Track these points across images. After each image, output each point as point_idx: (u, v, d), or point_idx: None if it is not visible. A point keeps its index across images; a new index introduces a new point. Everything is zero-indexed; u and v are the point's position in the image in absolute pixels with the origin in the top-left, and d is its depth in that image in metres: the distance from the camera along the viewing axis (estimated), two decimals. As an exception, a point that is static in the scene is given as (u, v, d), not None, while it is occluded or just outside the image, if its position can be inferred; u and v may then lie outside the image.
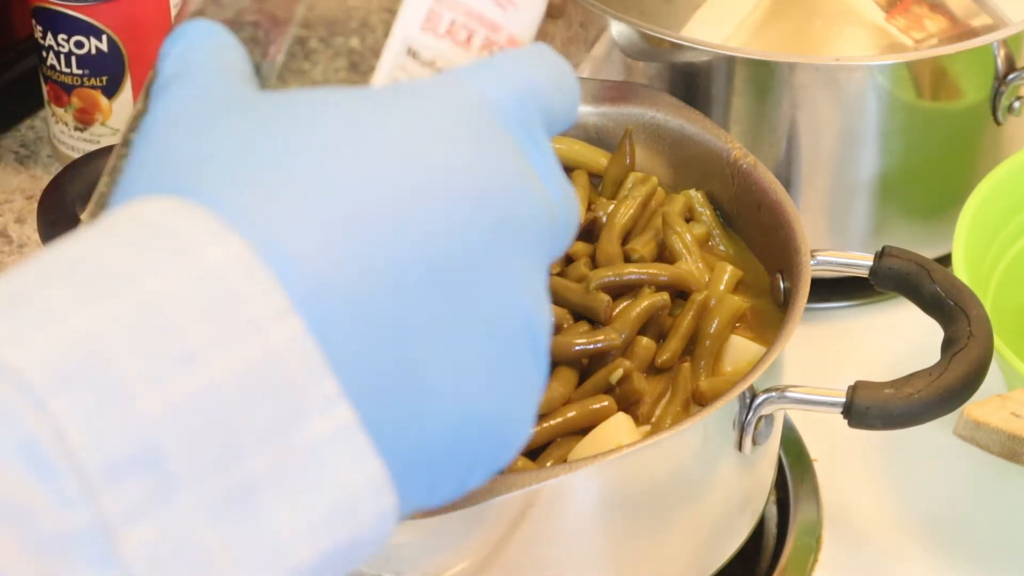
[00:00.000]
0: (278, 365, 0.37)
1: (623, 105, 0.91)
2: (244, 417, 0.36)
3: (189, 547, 0.36)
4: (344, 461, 0.38)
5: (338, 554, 0.38)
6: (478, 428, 0.42)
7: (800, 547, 0.87)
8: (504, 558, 0.72)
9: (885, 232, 1.00)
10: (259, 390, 0.37)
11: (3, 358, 0.35)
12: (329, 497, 0.37)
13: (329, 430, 0.37)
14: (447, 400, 0.41)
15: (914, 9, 1.02)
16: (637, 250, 0.84)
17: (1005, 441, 0.78)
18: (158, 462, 0.35)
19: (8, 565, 0.33)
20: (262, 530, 0.36)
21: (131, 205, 0.39)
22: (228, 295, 0.37)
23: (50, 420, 0.34)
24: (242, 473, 0.36)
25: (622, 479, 0.73)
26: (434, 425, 0.41)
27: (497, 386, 0.42)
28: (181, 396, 0.36)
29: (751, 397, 0.75)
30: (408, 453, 0.40)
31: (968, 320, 0.77)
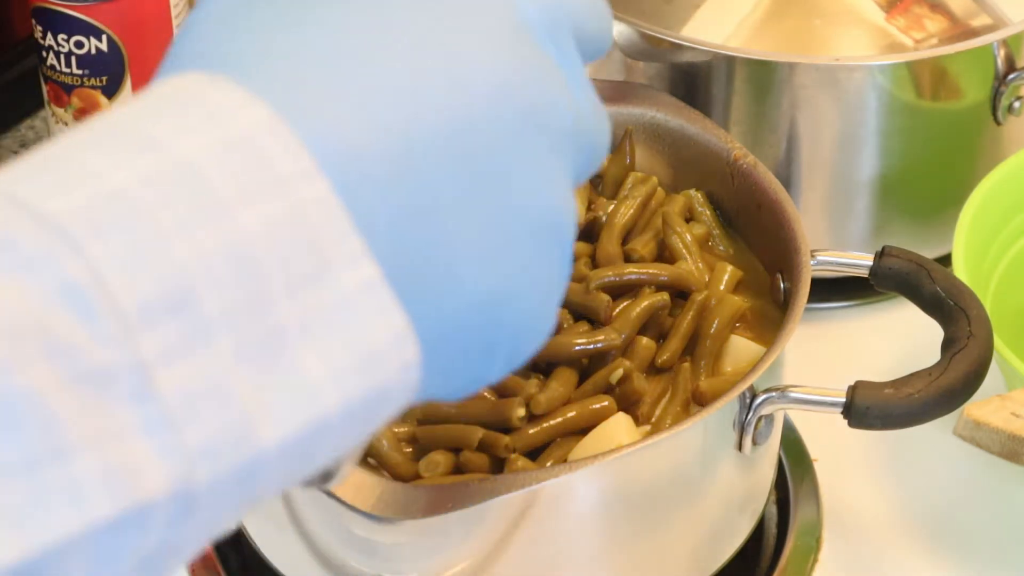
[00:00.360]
0: (305, 221, 0.39)
1: (623, 105, 0.91)
2: (274, 268, 0.38)
3: (223, 389, 0.37)
4: (369, 313, 0.39)
5: (365, 404, 0.40)
6: (500, 311, 0.43)
7: (800, 547, 0.87)
8: (504, 558, 0.72)
9: (885, 232, 1.00)
10: (287, 243, 0.38)
11: (42, 209, 0.36)
12: (356, 346, 0.39)
13: (355, 284, 0.39)
14: (471, 277, 0.42)
15: (914, 9, 1.02)
16: (637, 250, 0.84)
17: (1005, 441, 0.78)
18: (192, 306, 0.37)
19: (54, 396, 0.35)
20: (292, 376, 0.38)
21: (162, 82, 0.41)
22: (256, 156, 0.39)
23: (88, 264, 0.36)
24: (272, 321, 0.38)
25: (622, 479, 0.73)
26: (457, 300, 0.42)
27: (521, 272, 0.43)
28: (213, 244, 0.37)
29: (751, 397, 0.75)
30: (429, 325, 0.41)
31: (968, 320, 0.77)
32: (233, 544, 0.87)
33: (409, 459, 0.75)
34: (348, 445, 0.41)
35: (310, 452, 0.39)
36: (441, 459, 0.74)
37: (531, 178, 0.43)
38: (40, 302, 0.35)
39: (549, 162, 0.44)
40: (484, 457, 0.74)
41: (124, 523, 0.35)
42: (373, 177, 0.40)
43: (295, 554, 0.77)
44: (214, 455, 0.37)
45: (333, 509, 0.70)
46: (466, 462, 0.74)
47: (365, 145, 0.40)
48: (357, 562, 0.74)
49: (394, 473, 0.74)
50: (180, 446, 0.36)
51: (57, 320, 0.35)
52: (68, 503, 0.34)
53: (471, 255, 0.42)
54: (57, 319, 0.35)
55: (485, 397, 0.76)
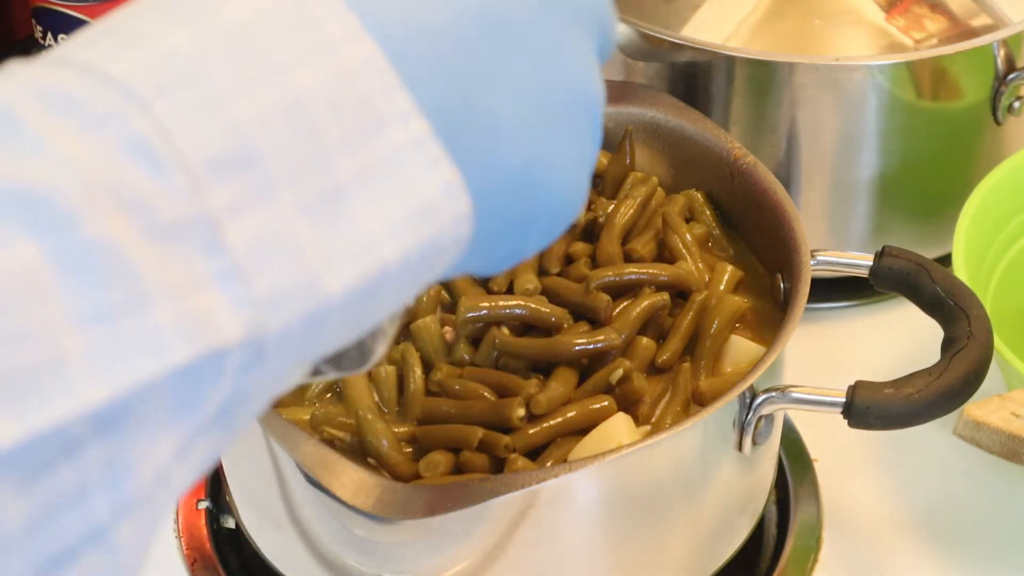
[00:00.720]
0: (356, 79, 0.40)
1: (623, 105, 0.92)
2: (329, 124, 0.39)
3: (287, 240, 0.39)
4: (421, 166, 0.41)
5: (421, 255, 0.41)
6: (537, 177, 0.45)
7: (800, 547, 0.87)
8: (504, 558, 0.72)
9: (885, 232, 1.00)
10: (341, 101, 0.40)
11: (108, 71, 0.38)
12: (410, 198, 0.41)
13: (406, 139, 0.41)
14: (510, 143, 0.44)
15: (914, 9, 1.02)
16: (637, 250, 0.84)
17: (1005, 441, 0.78)
18: (255, 162, 0.38)
19: (132, 247, 0.36)
20: (351, 228, 0.40)
21: None
22: (306, 19, 0.40)
23: (155, 121, 0.37)
24: (331, 176, 0.39)
25: (622, 479, 0.73)
26: (497, 162, 0.44)
27: (555, 142, 0.45)
28: (271, 102, 0.39)
29: (751, 397, 0.75)
30: (473, 185, 0.43)
31: (968, 320, 0.77)
32: (233, 544, 0.87)
33: (409, 459, 0.75)
34: (404, 298, 0.43)
35: (371, 302, 0.41)
36: (441, 459, 0.74)
37: (561, 50, 0.46)
38: (113, 158, 0.37)
39: (576, 37, 0.46)
40: (484, 457, 0.74)
41: (201, 369, 0.37)
42: (416, 40, 0.42)
43: (295, 554, 0.77)
44: (282, 304, 0.38)
45: (333, 509, 0.70)
46: (466, 462, 0.74)
47: (407, 11, 0.42)
48: (357, 562, 0.74)
49: (394, 473, 0.74)
50: (250, 295, 0.38)
51: (130, 175, 0.37)
52: (148, 349, 0.36)
53: (508, 120, 0.44)
54: (130, 174, 0.37)
55: (485, 397, 0.76)
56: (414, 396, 0.77)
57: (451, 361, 0.79)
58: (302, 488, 0.73)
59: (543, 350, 0.78)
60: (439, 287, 0.82)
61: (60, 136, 0.36)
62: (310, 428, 0.76)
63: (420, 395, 0.77)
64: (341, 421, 0.76)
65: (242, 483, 0.82)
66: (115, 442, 0.35)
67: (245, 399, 0.39)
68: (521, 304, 0.79)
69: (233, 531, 0.87)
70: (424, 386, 0.78)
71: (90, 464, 0.35)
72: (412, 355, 0.78)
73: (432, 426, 0.76)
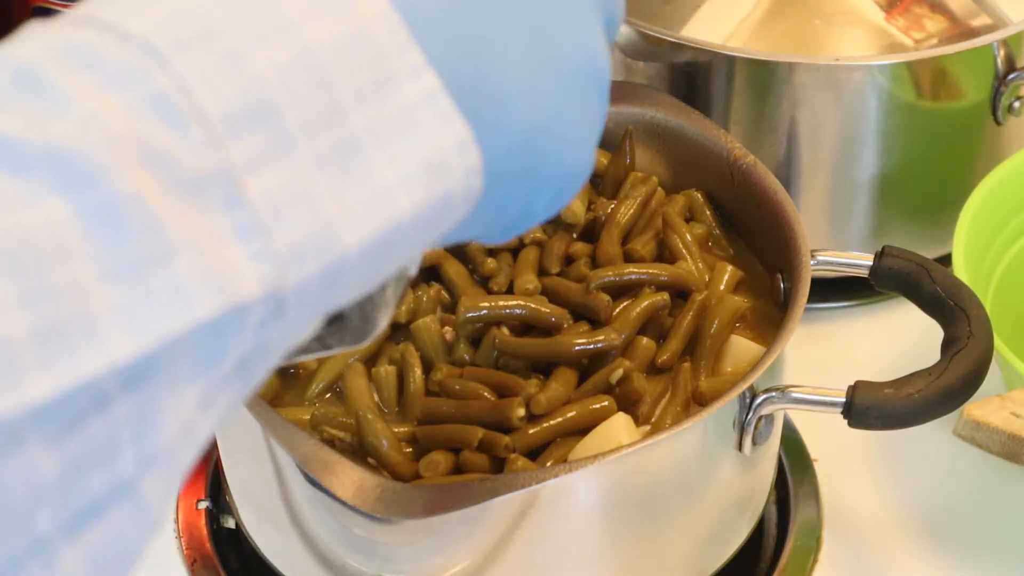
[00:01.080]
0: (368, 34, 0.41)
1: (623, 105, 0.92)
2: (343, 79, 0.40)
3: (305, 194, 0.39)
4: (433, 121, 0.42)
5: (434, 208, 0.42)
6: (545, 142, 0.46)
7: (800, 547, 0.87)
8: (504, 558, 0.72)
9: (885, 232, 1.00)
10: (354, 55, 0.40)
11: (126, 28, 0.38)
12: (423, 152, 0.41)
13: (418, 94, 0.41)
14: (519, 108, 0.45)
15: (914, 9, 1.02)
16: (637, 250, 0.84)
17: (1005, 441, 0.78)
18: (272, 117, 0.39)
19: (157, 201, 0.36)
20: (366, 181, 0.40)
21: None
22: None
23: (175, 77, 0.38)
24: (346, 130, 0.40)
25: (622, 479, 0.73)
26: (506, 129, 0.45)
27: (564, 109, 0.46)
28: (287, 58, 0.39)
29: (751, 397, 0.75)
30: (483, 145, 0.43)
31: (968, 320, 0.77)
32: (233, 544, 0.87)
33: (409, 459, 0.75)
34: (416, 252, 0.44)
35: (385, 256, 0.41)
36: (441, 459, 0.74)
37: (570, 18, 0.46)
38: (135, 113, 0.37)
39: (585, 10, 0.47)
40: (484, 457, 0.74)
41: (224, 322, 0.37)
42: (429, 2, 0.43)
43: (295, 554, 0.77)
44: (302, 258, 0.39)
45: (333, 509, 0.70)
46: (466, 462, 0.74)
47: None
48: (357, 562, 0.74)
49: (394, 473, 0.74)
50: (271, 249, 0.38)
51: (151, 130, 0.37)
52: (175, 303, 0.36)
53: (518, 84, 0.45)
54: (151, 129, 0.37)
55: (485, 397, 0.76)
56: (414, 396, 0.77)
57: (451, 361, 0.79)
58: (302, 488, 0.73)
59: (543, 350, 0.78)
60: (439, 287, 0.82)
61: (83, 93, 0.37)
62: (310, 428, 0.76)
63: (420, 395, 0.77)
64: (341, 421, 0.76)
65: (242, 483, 0.82)
66: (143, 397, 0.36)
67: (264, 351, 0.39)
68: (521, 304, 0.79)
69: (233, 531, 0.87)
70: (424, 386, 0.78)
71: (119, 419, 0.36)
72: (412, 355, 0.78)
73: (432, 426, 0.76)
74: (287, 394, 0.79)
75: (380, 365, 0.79)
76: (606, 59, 0.48)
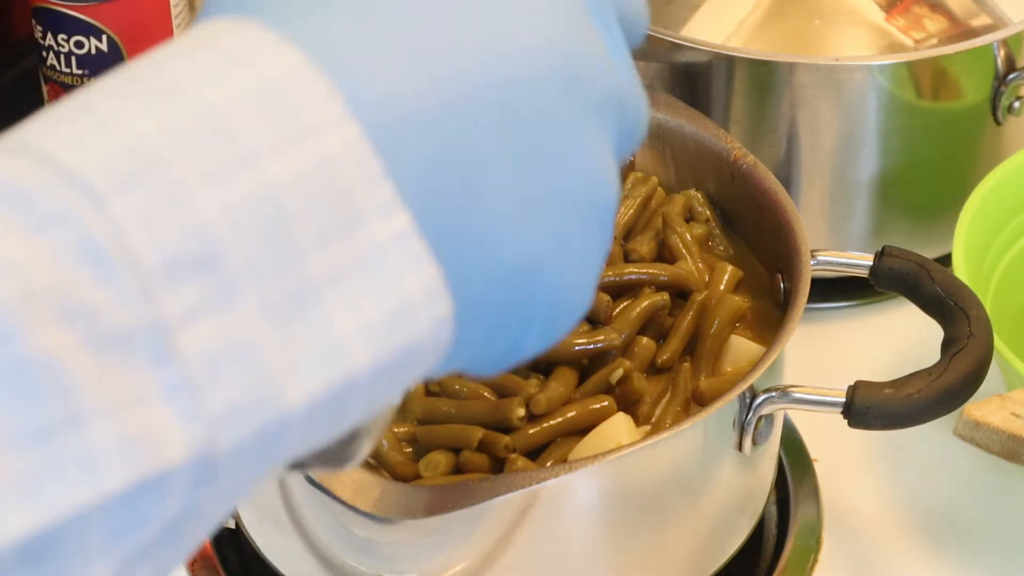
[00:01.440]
0: (335, 168, 0.37)
1: (623, 105, 0.91)
2: (303, 219, 0.37)
3: (247, 348, 0.36)
4: (401, 265, 0.38)
5: (395, 360, 0.38)
6: (535, 279, 0.42)
7: (800, 547, 0.87)
8: (504, 558, 0.72)
9: (885, 232, 1.00)
10: (317, 192, 0.37)
11: (63, 162, 0.35)
12: (387, 300, 0.38)
13: (387, 234, 0.38)
14: (509, 239, 0.41)
15: (914, 9, 1.02)
16: (637, 250, 0.84)
17: (1005, 441, 0.78)
18: (217, 262, 0.36)
19: (71, 361, 0.34)
20: (320, 332, 0.37)
21: (194, 27, 0.40)
22: (284, 101, 0.37)
23: (110, 220, 0.35)
24: (301, 275, 0.37)
25: (622, 479, 0.73)
26: (491, 262, 0.41)
27: (561, 241, 0.42)
28: (239, 197, 0.36)
29: (751, 397, 0.75)
30: (463, 286, 0.40)
31: (968, 320, 0.77)
32: (233, 544, 0.87)
33: (409, 459, 0.75)
34: (375, 407, 0.40)
35: (337, 413, 0.38)
36: (441, 459, 0.74)
37: (572, 142, 0.42)
38: (59, 262, 0.34)
39: (591, 128, 0.43)
40: (484, 457, 0.74)
41: (141, 491, 0.34)
42: (408, 124, 0.39)
43: (295, 554, 0.77)
44: (237, 418, 0.36)
45: (333, 509, 0.70)
46: (466, 462, 0.74)
47: (400, 91, 0.39)
48: (357, 562, 0.74)
49: (394, 473, 0.74)
50: (201, 410, 0.35)
51: (76, 280, 0.34)
52: (82, 473, 0.33)
53: (508, 216, 0.41)
54: (76, 279, 0.34)
55: (485, 397, 0.76)
56: (414, 396, 0.77)
57: (451, 361, 0.79)
58: (302, 488, 0.73)
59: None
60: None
61: (3, 237, 0.34)
62: (310, 428, 0.76)
63: (420, 395, 0.77)
64: (341, 421, 0.76)
65: (242, 483, 0.82)
66: (46, 570, 0.33)
67: (196, 515, 0.36)
68: (521, 304, 0.79)
69: (233, 531, 0.87)
70: (424, 386, 0.78)
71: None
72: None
73: (432, 426, 0.76)
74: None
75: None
76: (614, 183, 0.44)
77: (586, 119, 0.43)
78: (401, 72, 0.39)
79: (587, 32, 0.44)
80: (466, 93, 0.40)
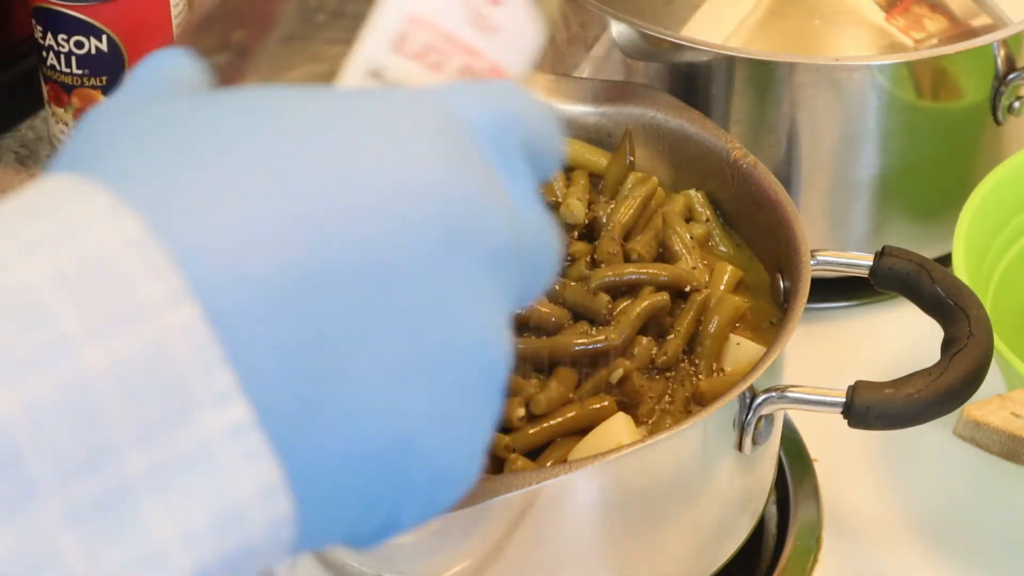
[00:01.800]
0: (166, 354, 0.34)
1: (623, 105, 0.91)
2: (121, 413, 0.33)
3: (50, 558, 0.32)
4: (234, 462, 0.34)
5: (224, 565, 0.35)
6: (413, 451, 0.38)
7: (800, 547, 0.87)
8: (504, 558, 0.72)
9: (885, 232, 1.00)
10: (141, 383, 0.33)
11: None
12: (215, 502, 0.34)
13: (219, 428, 0.34)
14: (378, 411, 0.37)
15: (914, 9, 1.02)
16: (637, 250, 0.84)
17: (1005, 441, 0.78)
18: (15, 465, 0.32)
19: None
20: (135, 539, 0.33)
21: (34, 184, 0.36)
22: (115, 277, 0.34)
23: None
24: (115, 476, 0.33)
25: (622, 479, 0.73)
26: (360, 437, 0.37)
27: (439, 410, 0.38)
28: (47, 390, 0.33)
29: (751, 397, 0.75)
30: (329, 465, 0.36)
31: (968, 320, 0.77)
32: (233, 544, 0.87)
33: (409, 459, 0.75)
34: None
35: None
36: (441, 459, 0.74)
37: (454, 303, 0.38)
38: None
39: (479, 285, 0.39)
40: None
41: None
42: (256, 298, 0.35)
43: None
44: None
45: (333, 509, 0.70)
46: (466, 462, 0.74)
47: (250, 263, 0.35)
48: (357, 562, 0.74)
49: (394, 473, 0.74)
50: None
51: None
52: None
53: (377, 384, 0.37)
54: None
55: (485, 397, 0.76)
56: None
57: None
58: None
59: (543, 350, 0.78)
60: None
61: None
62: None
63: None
64: (341, 421, 0.76)
65: (242, 483, 0.82)
66: None
67: None
68: (521, 304, 0.79)
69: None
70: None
71: None
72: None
73: (432, 426, 0.76)
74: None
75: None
76: (502, 344, 0.40)
77: (473, 275, 0.38)
78: (251, 238, 0.35)
79: (479, 175, 0.39)
80: (325, 255, 0.36)
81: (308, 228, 0.36)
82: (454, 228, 0.38)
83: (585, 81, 0.93)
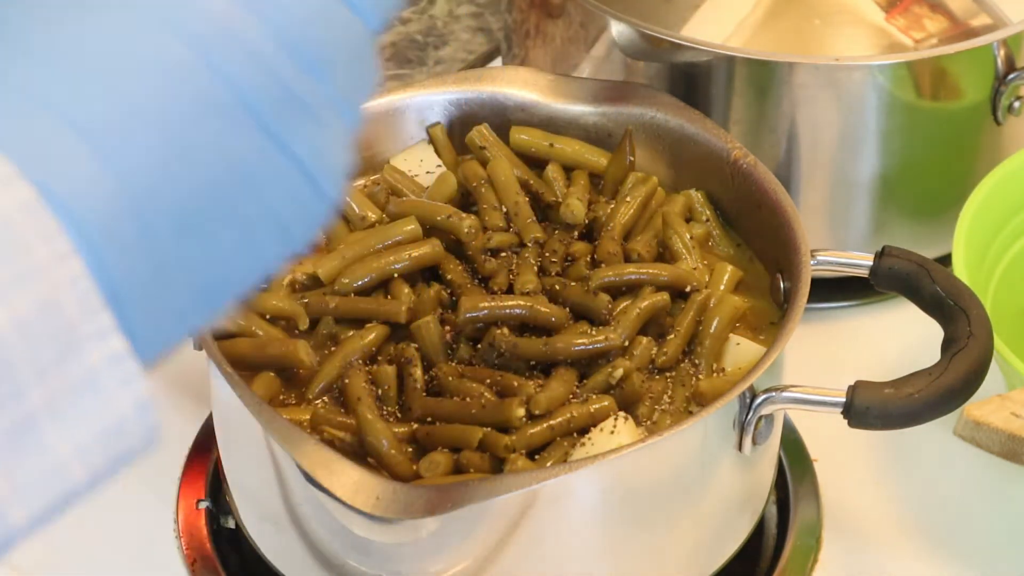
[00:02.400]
0: (56, 305, 0.40)
1: (623, 105, 0.91)
2: (24, 358, 0.39)
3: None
4: (114, 386, 0.41)
5: (111, 468, 0.42)
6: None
7: (800, 547, 0.87)
8: (504, 558, 0.72)
9: (885, 232, 1.00)
10: (39, 330, 0.40)
11: None
12: (100, 421, 0.41)
13: (101, 359, 0.41)
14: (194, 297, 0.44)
15: (914, 9, 1.02)
16: (637, 250, 0.84)
17: (1005, 441, 0.78)
18: None
19: None
20: (40, 457, 0.40)
21: None
22: (14, 243, 0.39)
23: None
24: (22, 408, 0.40)
25: (622, 479, 0.73)
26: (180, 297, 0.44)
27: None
28: None
29: (751, 397, 0.75)
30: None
31: (968, 320, 0.77)
32: (233, 544, 0.87)
33: (409, 459, 0.75)
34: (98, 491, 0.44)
35: (59, 516, 0.41)
36: (441, 459, 0.74)
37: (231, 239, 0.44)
38: None
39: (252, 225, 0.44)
40: (484, 457, 0.74)
41: None
42: (124, 247, 0.41)
43: (295, 554, 0.77)
44: None
45: (333, 509, 0.70)
46: (466, 462, 0.74)
47: (120, 213, 0.41)
48: (357, 562, 0.74)
49: (394, 473, 0.74)
50: None
51: None
52: None
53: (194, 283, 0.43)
54: None
55: (485, 397, 0.76)
56: (414, 396, 0.77)
57: (451, 361, 0.79)
58: (302, 488, 0.73)
59: (543, 350, 0.78)
60: (439, 287, 0.82)
61: None
62: (310, 428, 0.76)
63: (420, 395, 0.77)
64: (341, 421, 0.76)
65: (242, 483, 0.82)
66: None
67: None
68: (521, 304, 0.79)
69: (233, 531, 0.87)
70: (424, 386, 0.78)
71: None
72: (412, 355, 0.78)
73: (432, 426, 0.76)
74: (287, 394, 0.79)
75: (380, 365, 0.79)
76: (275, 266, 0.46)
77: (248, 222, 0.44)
78: (115, 195, 0.41)
79: (242, 143, 0.44)
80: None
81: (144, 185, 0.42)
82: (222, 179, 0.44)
83: (585, 81, 0.93)
